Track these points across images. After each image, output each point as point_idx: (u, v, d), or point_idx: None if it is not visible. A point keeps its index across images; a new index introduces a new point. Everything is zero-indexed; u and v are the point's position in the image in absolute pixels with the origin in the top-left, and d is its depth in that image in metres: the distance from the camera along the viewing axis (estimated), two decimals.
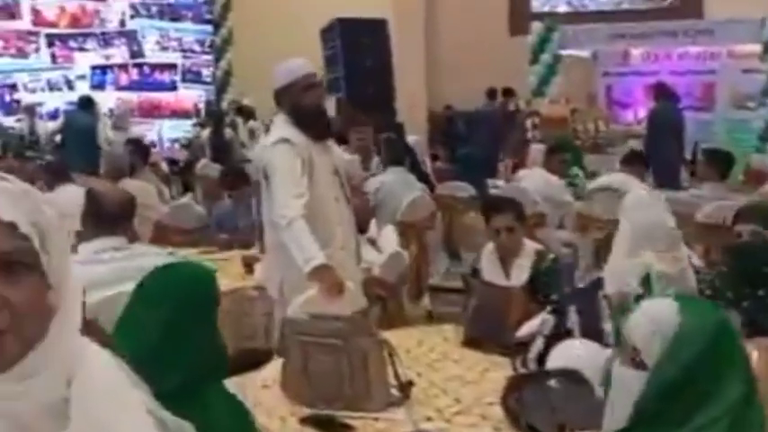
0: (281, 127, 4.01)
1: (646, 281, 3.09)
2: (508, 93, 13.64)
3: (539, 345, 3.02)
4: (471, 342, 3.43)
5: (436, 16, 15.75)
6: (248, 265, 4.80)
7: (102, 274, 3.08)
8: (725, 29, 12.74)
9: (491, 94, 13.63)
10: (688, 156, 10.35)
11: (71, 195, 4.58)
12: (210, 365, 1.89)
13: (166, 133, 15.26)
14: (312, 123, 4.00)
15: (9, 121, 13.36)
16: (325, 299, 3.56)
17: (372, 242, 4.80)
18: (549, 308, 3.17)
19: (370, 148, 7.38)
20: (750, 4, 12.98)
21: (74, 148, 10.44)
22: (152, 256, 3.50)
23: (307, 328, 2.82)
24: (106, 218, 3.40)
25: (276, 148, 3.91)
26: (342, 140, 6.76)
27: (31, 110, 12.70)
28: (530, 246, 3.94)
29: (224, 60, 15.81)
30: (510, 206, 3.98)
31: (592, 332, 3.01)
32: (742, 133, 11.76)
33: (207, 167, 8.20)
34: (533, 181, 6.54)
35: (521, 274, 3.83)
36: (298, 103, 3.99)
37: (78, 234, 3.46)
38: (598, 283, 3.18)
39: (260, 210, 4.29)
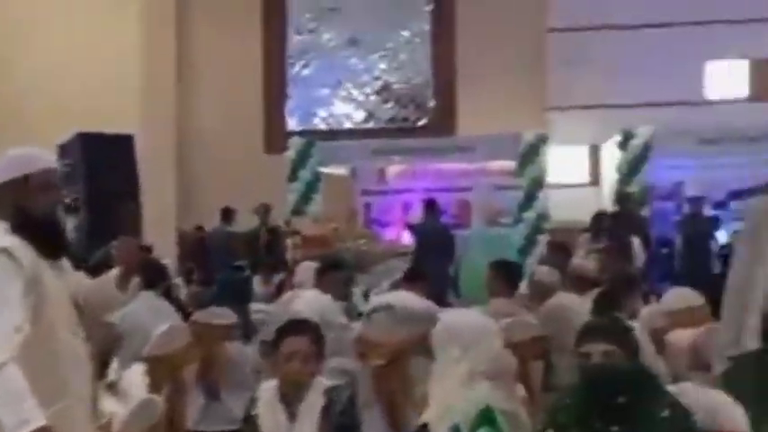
0: None
1: (485, 418, 2.39)
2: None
3: None
4: None
5: (188, 133, 15.02)
6: None
7: None
8: (483, 145, 12.87)
9: (226, 214, 12.62)
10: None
11: None
12: None
13: None
14: (45, 234, 2.99)
15: None
16: None
17: (111, 386, 3.80)
18: None
19: (133, 264, 6.49)
20: (501, 120, 13.28)
21: None
22: None
23: None
24: None
25: None
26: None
27: None
28: (319, 383, 3.15)
29: None
30: (307, 328, 3.20)
31: None
32: (501, 249, 11.70)
33: None
34: (305, 302, 5.78)
35: (310, 418, 3.02)
36: (27, 204, 2.97)
37: None
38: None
39: None
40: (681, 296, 6.29)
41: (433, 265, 8.79)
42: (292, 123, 15.75)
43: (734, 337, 4.06)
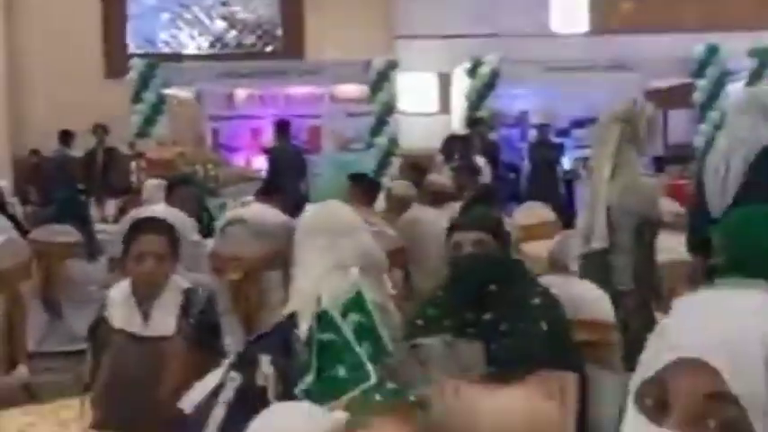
0: None
1: (355, 304, 2.27)
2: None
3: (218, 416, 2.03)
4: (105, 424, 2.35)
5: (21, 59, 14.13)
6: None
7: None
8: (332, 70, 12.65)
9: (64, 137, 11.96)
10: None
11: None
12: None
13: None
14: None
15: None
16: None
17: None
18: (228, 360, 2.19)
19: None
20: (351, 49, 13.08)
21: None
22: None
23: None
24: None
25: None
26: None
27: None
28: (176, 282, 2.95)
29: None
30: (162, 227, 3.00)
31: (291, 389, 2.10)
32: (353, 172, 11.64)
33: None
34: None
35: (166, 318, 2.83)
36: None
37: None
38: (292, 320, 2.28)
39: None
40: (535, 212, 6.40)
41: (285, 185, 8.61)
42: (133, 48, 15.03)
43: (584, 239, 4.24)
